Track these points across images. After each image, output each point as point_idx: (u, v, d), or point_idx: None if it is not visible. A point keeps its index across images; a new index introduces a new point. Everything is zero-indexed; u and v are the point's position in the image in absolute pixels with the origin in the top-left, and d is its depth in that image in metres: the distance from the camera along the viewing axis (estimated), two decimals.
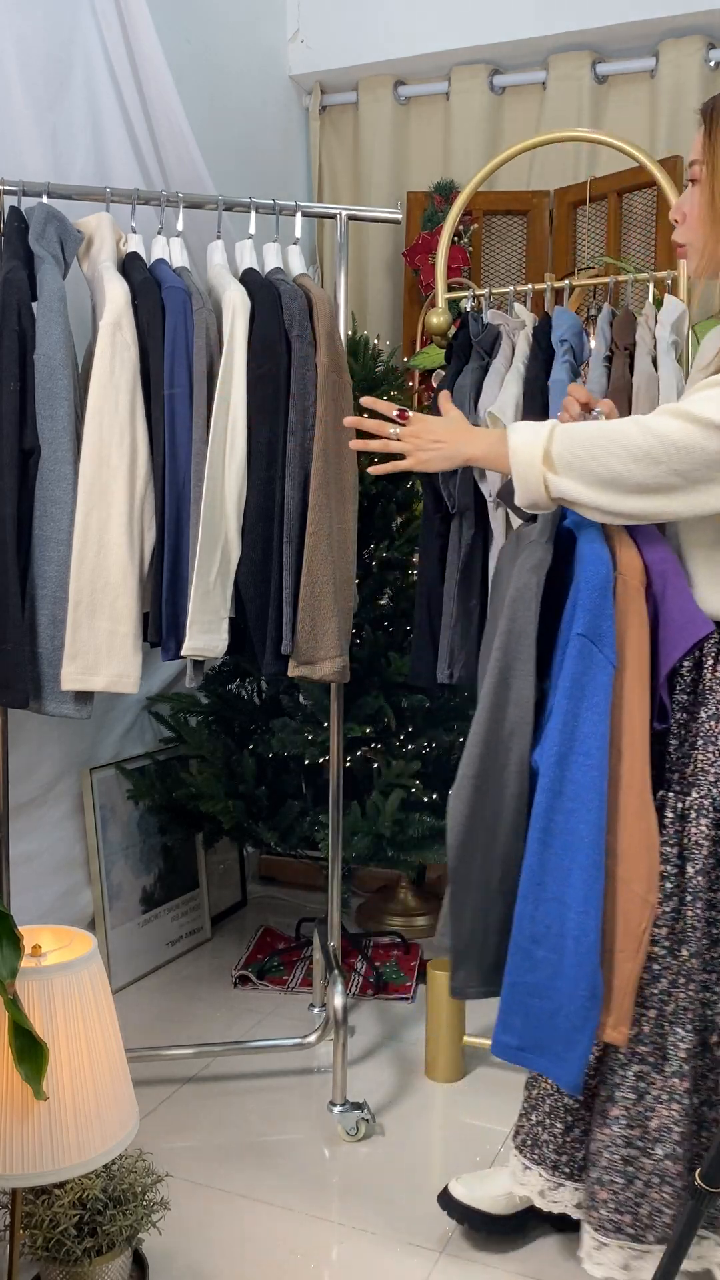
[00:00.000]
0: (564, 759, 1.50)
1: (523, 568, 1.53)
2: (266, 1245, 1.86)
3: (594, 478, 1.48)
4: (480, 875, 1.59)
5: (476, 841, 1.58)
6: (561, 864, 1.51)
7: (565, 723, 1.49)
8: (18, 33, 2.46)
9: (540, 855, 1.52)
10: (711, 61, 3.37)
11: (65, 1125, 1.40)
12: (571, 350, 2.20)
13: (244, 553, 2.00)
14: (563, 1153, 1.73)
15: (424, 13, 3.59)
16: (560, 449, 1.50)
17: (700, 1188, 1.47)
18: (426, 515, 2.29)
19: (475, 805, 1.58)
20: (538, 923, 1.52)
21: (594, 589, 1.48)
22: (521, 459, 1.53)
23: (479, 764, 1.57)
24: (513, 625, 1.52)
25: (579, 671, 1.48)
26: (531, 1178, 1.76)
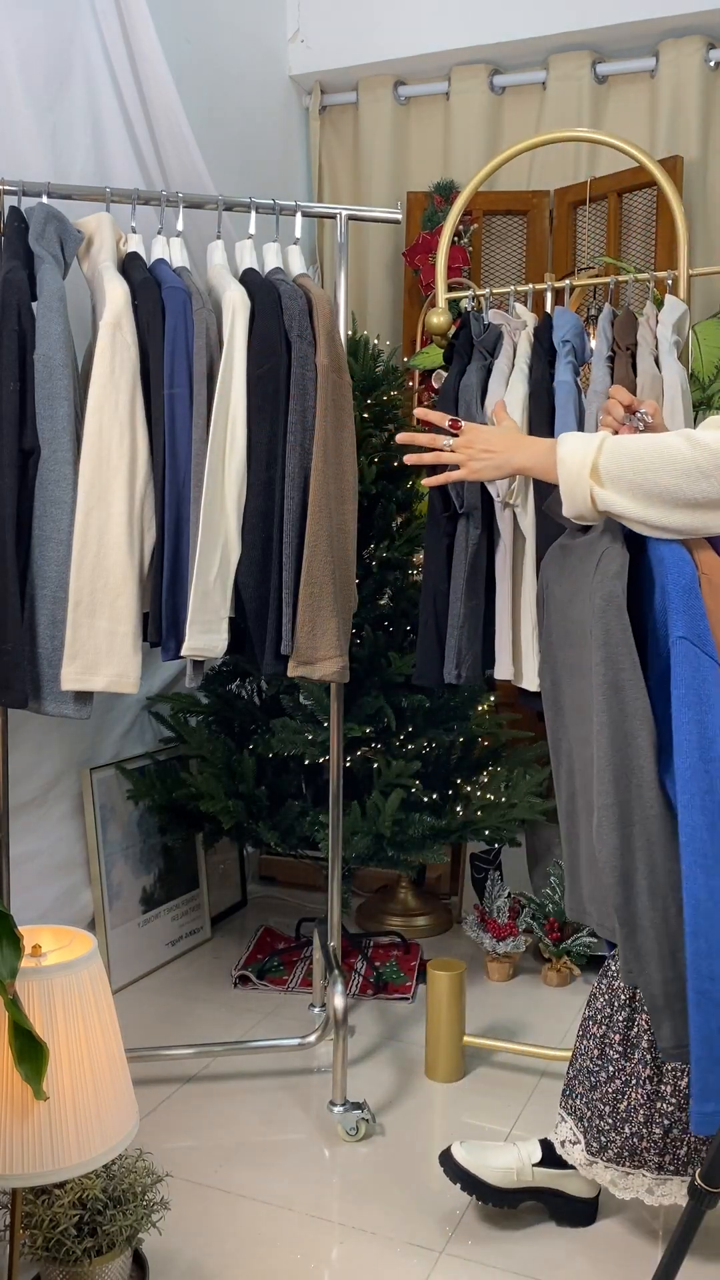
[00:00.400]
0: (704, 769, 1.43)
1: (605, 575, 1.48)
2: (266, 1245, 1.86)
3: (641, 492, 1.48)
4: (652, 912, 1.49)
5: (638, 875, 1.49)
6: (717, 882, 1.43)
7: (696, 731, 1.43)
8: (18, 33, 2.46)
9: (705, 880, 1.43)
10: (711, 61, 3.37)
11: (65, 1125, 1.40)
12: (574, 350, 2.20)
13: (244, 553, 2.00)
14: (665, 1153, 1.73)
15: (424, 13, 3.59)
16: (608, 462, 1.50)
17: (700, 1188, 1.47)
18: (433, 515, 2.29)
19: (625, 834, 1.48)
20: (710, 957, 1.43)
21: (683, 590, 1.45)
22: (569, 471, 1.52)
23: (616, 789, 1.48)
24: (609, 636, 1.47)
25: (690, 675, 1.44)
26: (635, 1181, 1.76)
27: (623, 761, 1.48)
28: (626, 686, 1.47)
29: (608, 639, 1.47)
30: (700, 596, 1.47)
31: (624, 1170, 1.77)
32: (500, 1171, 1.87)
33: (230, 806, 2.75)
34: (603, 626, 1.48)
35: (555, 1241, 1.86)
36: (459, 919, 3.22)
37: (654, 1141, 1.72)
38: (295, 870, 3.47)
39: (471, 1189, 1.87)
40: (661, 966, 1.50)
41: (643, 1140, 1.73)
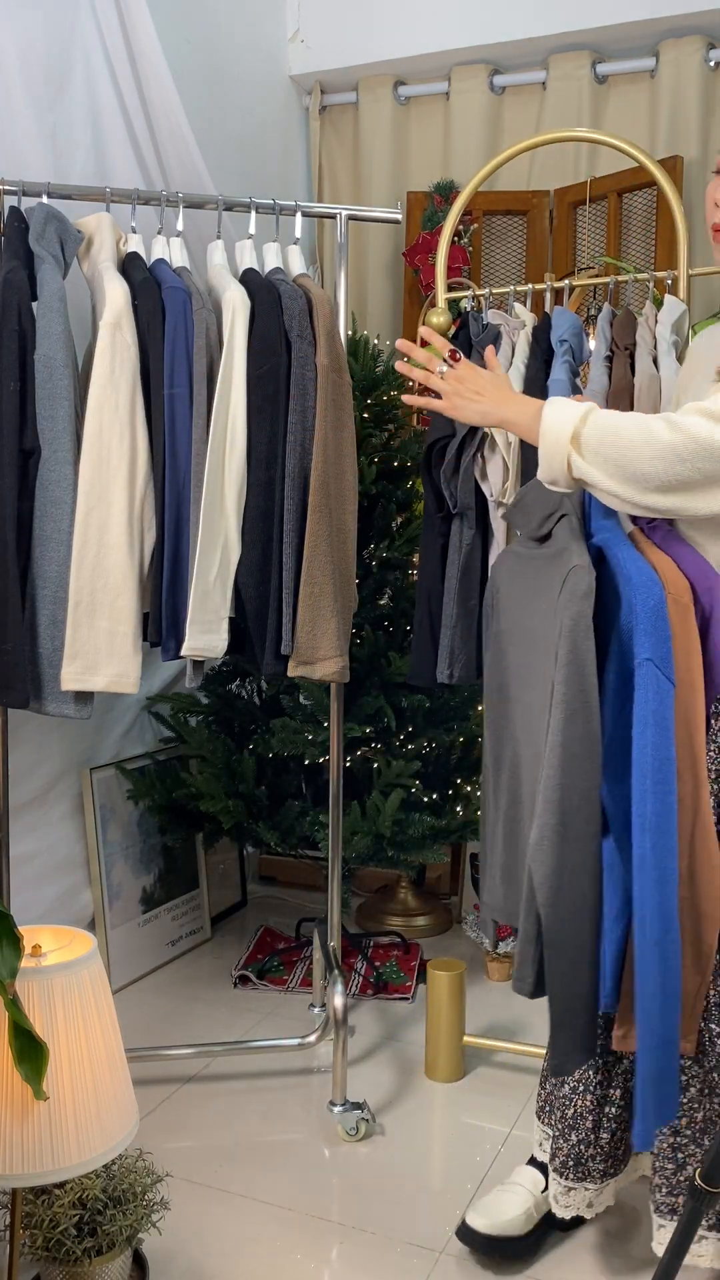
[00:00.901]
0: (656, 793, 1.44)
1: (574, 594, 1.47)
2: (266, 1245, 1.86)
3: (617, 468, 1.48)
4: (575, 934, 1.50)
5: (566, 896, 1.49)
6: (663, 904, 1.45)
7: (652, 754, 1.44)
8: (18, 33, 2.46)
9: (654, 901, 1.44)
10: (711, 61, 3.37)
11: (65, 1125, 1.40)
12: (571, 350, 2.20)
13: (244, 553, 2.00)
14: (609, 1158, 1.73)
15: (424, 13, 3.59)
16: (590, 433, 1.50)
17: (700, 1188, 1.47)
18: (427, 515, 2.29)
19: (562, 856, 1.48)
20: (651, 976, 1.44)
21: (652, 611, 1.45)
22: (551, 435, 1.52)
23: (561, 810, 1.48)
24: (574, 657, 1.46)
25: (652, 699, 1.44)
26: (576, 1197, 1.75)
27: (571, 783, 1.48)
28: (586, 709, 1.48)
29: (572, 659, 1.47)
30: (667, 619, 1.47)
31: (567, 1185, 1.76)
32: (522, 1218, 1.82)
33: (230, 806, 2.75)
34: (569, 647, 1.47)
35: (555, 1241, 1.86)
36: (459, 919, 3.22)
37: (600, 1148, 1.73)
38: (295, 870, 3.47)
39: (508, 1253, 1.81)
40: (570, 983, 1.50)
41: (590, 1147, 1.73)
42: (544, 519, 1.64)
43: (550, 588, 1.58)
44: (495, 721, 1.78)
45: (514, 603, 1.70)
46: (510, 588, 1.71)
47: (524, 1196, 1.84)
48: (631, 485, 1.48)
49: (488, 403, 1.62)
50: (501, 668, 1.75)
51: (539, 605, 1.61)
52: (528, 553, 1.69)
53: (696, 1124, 1.63)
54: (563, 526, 1.61)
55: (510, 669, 1.73)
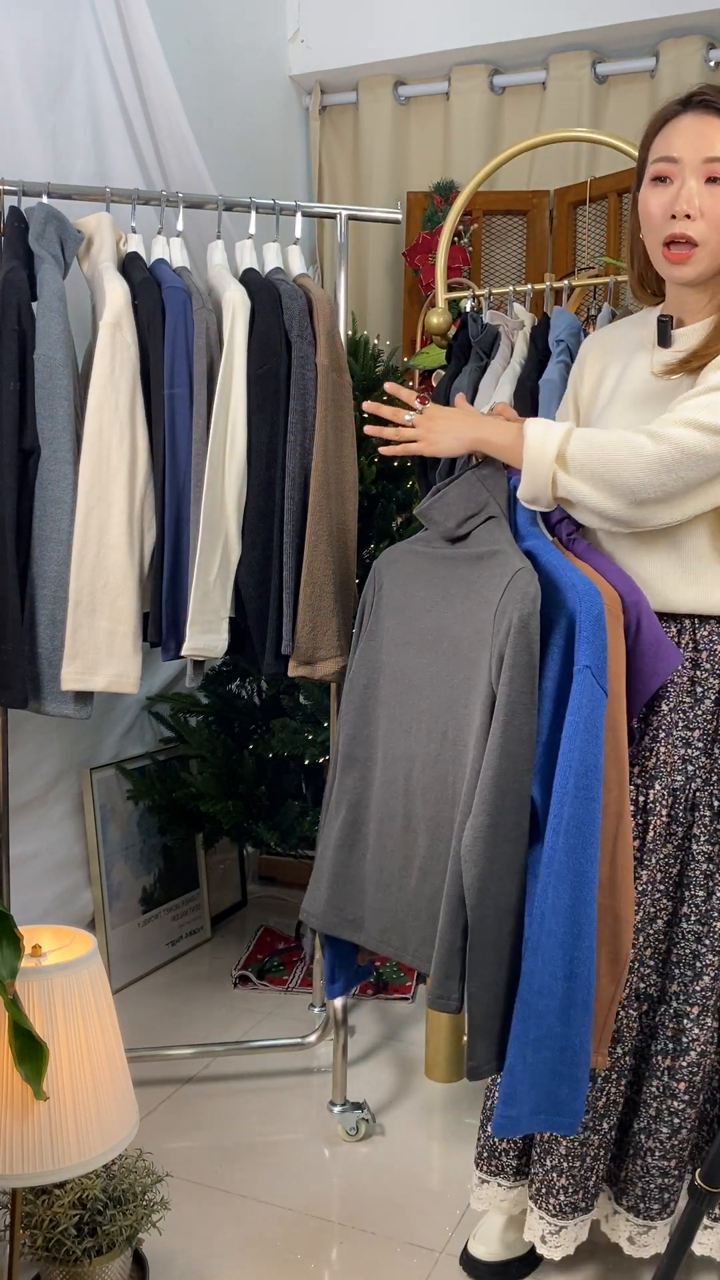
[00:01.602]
0: (578, 798, 1.45)
1: (524, 596, 1.47)
2: (266, 1245, 1.86)
3: (604, 483, 1.48)
4: (495, 933, 1.50)
5: (492, 894, 1.49)
6: (565, 905, 1.45)
7: (579, 760, 1.45)
8: (18, 33, 2.46)
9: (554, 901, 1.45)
10: (711, 61, 3.37)
11: (65, 1125, 1.40)
12: (568, 350, 2.20)
13: (244, 553, 2.00)
14: (579, 1189, 1.69)
15: (424, 13, 3.59)
16: (575, 450, 1.50)
17: (700, 1188, 1.48)
18: None
19: (492, 855, 1.49)
20: (542, 973, 1.45)
21: (595, 620, 1.46)
22: (535, 454, 1.53)
23: (494, 812, 1.48)
24: (518, 658, 1.47)
25: (585, 706, 1.45)
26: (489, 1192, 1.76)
27: (506, 784, 1.48)
28: (527, 712, 1.48)
29: (516, 661, 1.47)
30: (606, 629, 1.48)
31: (480, 1177, 1.77)
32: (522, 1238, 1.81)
33: (230, 806, 2.75)
34: (515, 648, 1.47)
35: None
36: None
37: (514, 1142, 1.73)
38: (295, 870, 3.47)
39: (514, 1273, 1.79)
40: (490, 985, 1.50)
41: (503, 1140, 1.73)
42: (465, 519, 1.63)
43: (474, 590, 1.56)
44: (355, 722, 1.74)
45: (412, 602, 1.67)
46: (406, 586, 1.69)
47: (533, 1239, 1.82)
48: (619, 499, 1.48)
49: (460, 428, 1.62)
50: (373, 665, 1.73)
51: (455, 606, 1.59)
52: (434, 552, 1.66)
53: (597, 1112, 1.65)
54: (490, 528, 1.60)
55: (385, 668, 1.70)
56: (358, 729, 1.74)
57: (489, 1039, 1.50)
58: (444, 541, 1.66)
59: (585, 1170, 1.67)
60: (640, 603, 1.55)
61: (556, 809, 1.46)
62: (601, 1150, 1.67)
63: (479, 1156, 1.78)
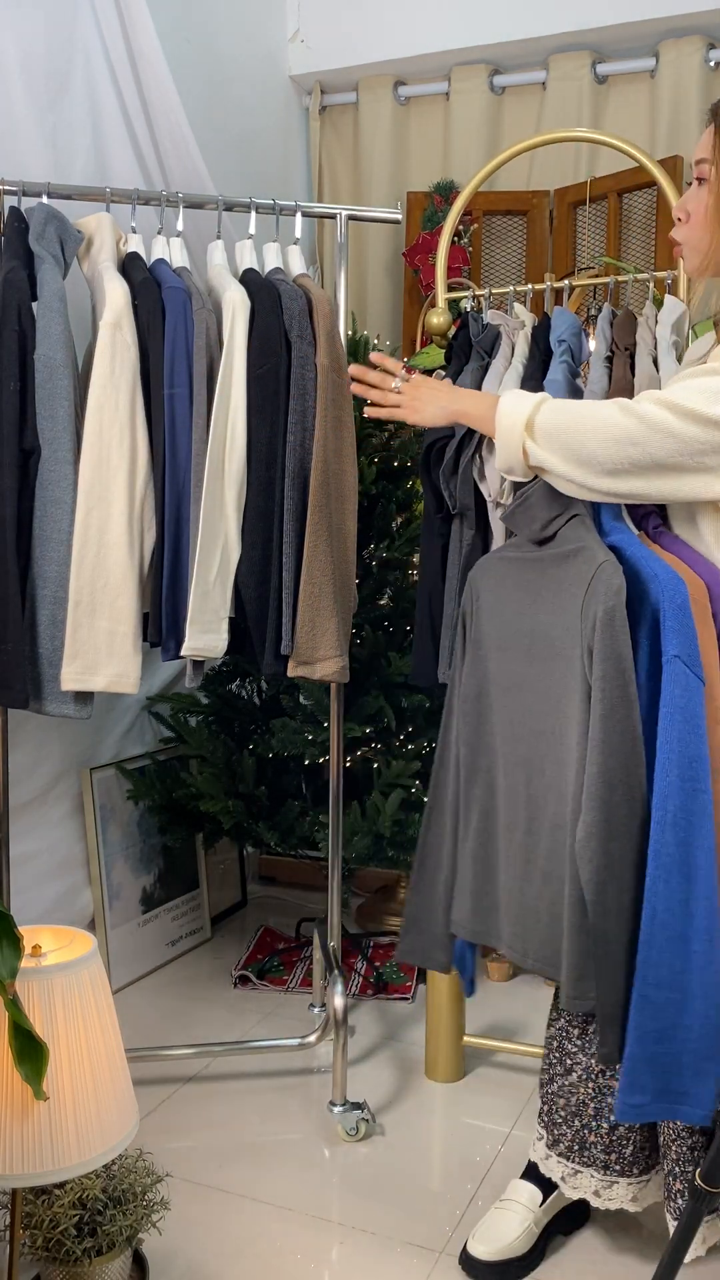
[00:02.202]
0: (683, 789, 1.45)
1: (608, 589, 1.48)
2: (266, 1245, 1.86)
3: (570, 452, 1.50)
4: (621, 926, 1.50)
5: (614, 890, 1.50)
6: (679, 898, 1.46)
7: (680, 750, 1.45)
8: (18, 33, 2.46)
9: (666, 894, 1.46)
10: (711, 61, 3.37)
11: (65, 1125, 1.40)
12: (569, 350, 2.20)
13: (244, 553, 2.00)
14: (611, 1151, 1.73)
15: (424, 13, 3.59)
16: (543, 419, 1.53)
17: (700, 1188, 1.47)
18: (427, 516, 2.29)
19: (608, 850, 1.49)
20: (661, 966, 1.46)
21: (679, 609, 1.47)
22: (506, 423, 1.56)
23: (606, 808, 1.48)
24: (613, 651, 1.46)
25: (680, 695, 1.45)
26: (584, 1180, 1.76)
27: (616, 779, 1.49)
28: (628, 704, 1.48)
29: (611, 654, 1.47)
30: (692, 616, 1.48)
31: (574, 1167, 1.77)
32: (523, 1238, 1.81)
33: (230, 806, 2.75)
34: (606, 642, 1.47)
35: (554, 1241, 1.86)
36: None
37: (601, 1136, 1.73)
38: (295, 870, 3.47)
39: (511, 1273, 1.80)
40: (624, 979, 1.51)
41: (591, 1133, 1.73)
42: (549, 520, 1.65)
43: (563, 587, 1.57)
44: (471, 733, 1.75)
45: (507, 607, 1.68)
46: (500, 592, 1.70)
47: (522, 1214, 1.83)
48: (584, 469, 1.50)
49: (444, 399, 1.69)
50: (481, 675, 1.73)
51: (547, 606, 1.60)
52: (523, 556, 1.68)
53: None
54: (574, 526, 1.61)
55: (492, 676, 1.71)
56: (477, 738, 1.75)
57: (617, 1027, 1.51)
58: (531, 545, 1.67)
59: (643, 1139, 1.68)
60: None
61: (660, 802, 1.46)
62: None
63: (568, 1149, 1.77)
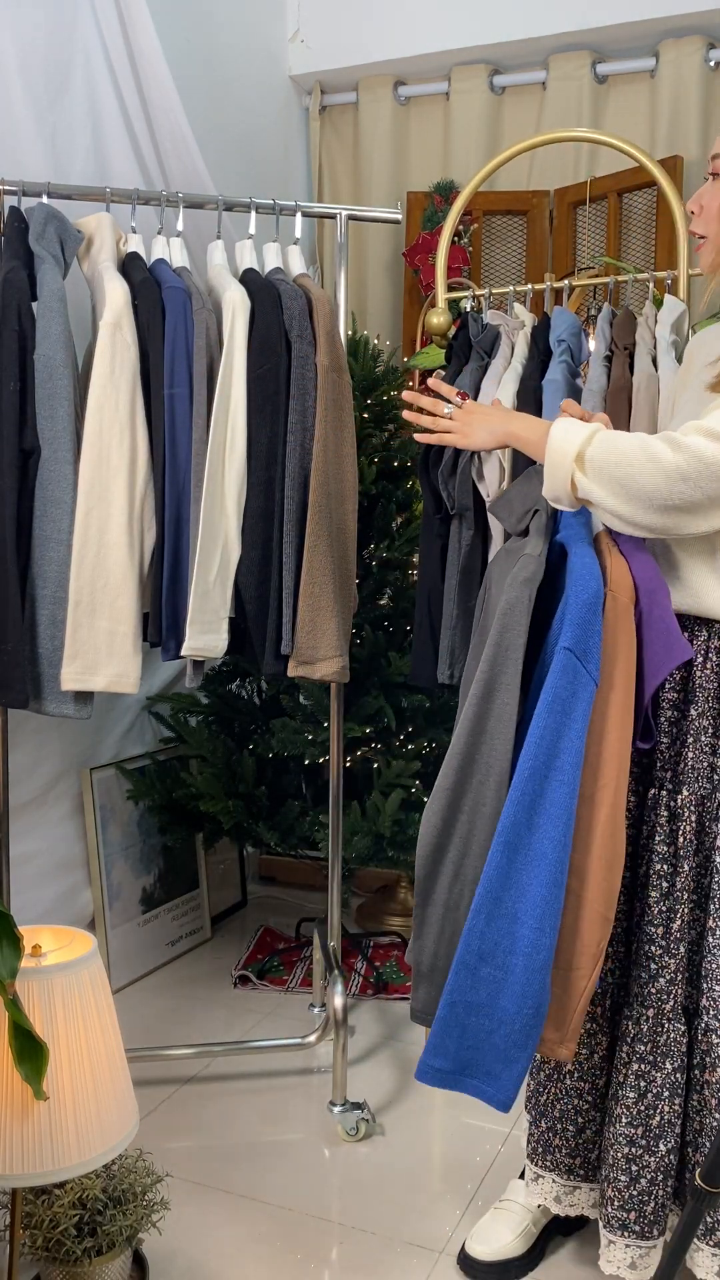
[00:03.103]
0: (538, 775, 1.46)
1: (515, 580, 1.51)
2: (266, 1245, 1.86)
3: (621, 487, 1.48)
4: (445, 893, 1.56)
5: (446, 857, 1.55)
6: (520, 880, 1.46)
7: (544, 738, 1.46)
8: (18, 33, 2.46)
9: (503, 870, 1.47)
10: (711, 61, 3.37)
11: (65, 1125, 1.40)
12: (569, 350, 2.20)
13: (244, 552, 2.00)
14: (576, 1155, 1.71)
15: (424, 13, 3.59)
16: (595, 453, 1.50)
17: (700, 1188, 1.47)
18: (426, 516, 2.29)
19: (448, 819, 1.55)
20: (486, 939, 1.47)
21: (583, 604, 1.46)
22: (556, 452, 1.54)
23: (456, 776, 1.54)
24: (502, 638, 1.49)
25: (561, 686, 1.45)
26: (544, 1185, 1.74)
27: (470, 755, 1.52)
28: (501, 690, 1.50)
29: (500, 640, 1.49)
30: (600, 613, 1.47)
31: (535, 1171, 1.76)
32: (522, 1237, 1.81)
33: (230, 806, 2.75)
34: (499, 628, 1.49)
35: (554, 1242, 1.86)
36: None
37: (566, 1140, 1.72)
38: (295, 870, 3.47)
39: (510, 1274, 1.79)
40: (437, 940, 1.58)
41: (556, 1136, 1.72)
42: (523, 515, 1.67)
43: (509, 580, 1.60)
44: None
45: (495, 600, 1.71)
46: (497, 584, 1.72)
47: (520, 1215, 1.82)
48: (634, 504, 1.48)
49: (495, 421, 1.67)
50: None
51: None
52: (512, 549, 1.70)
53: (652, 1130, 1.60)
54: (536, 521, 1.63)
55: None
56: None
57: (429, 985, 1.56)
58: (516, 537, 1.69)
59: (641, 1194, 1.61)
60: (655, 591, 1.54)
61: (517, 782, 1.47)
62: (660, 1175, 1.61)
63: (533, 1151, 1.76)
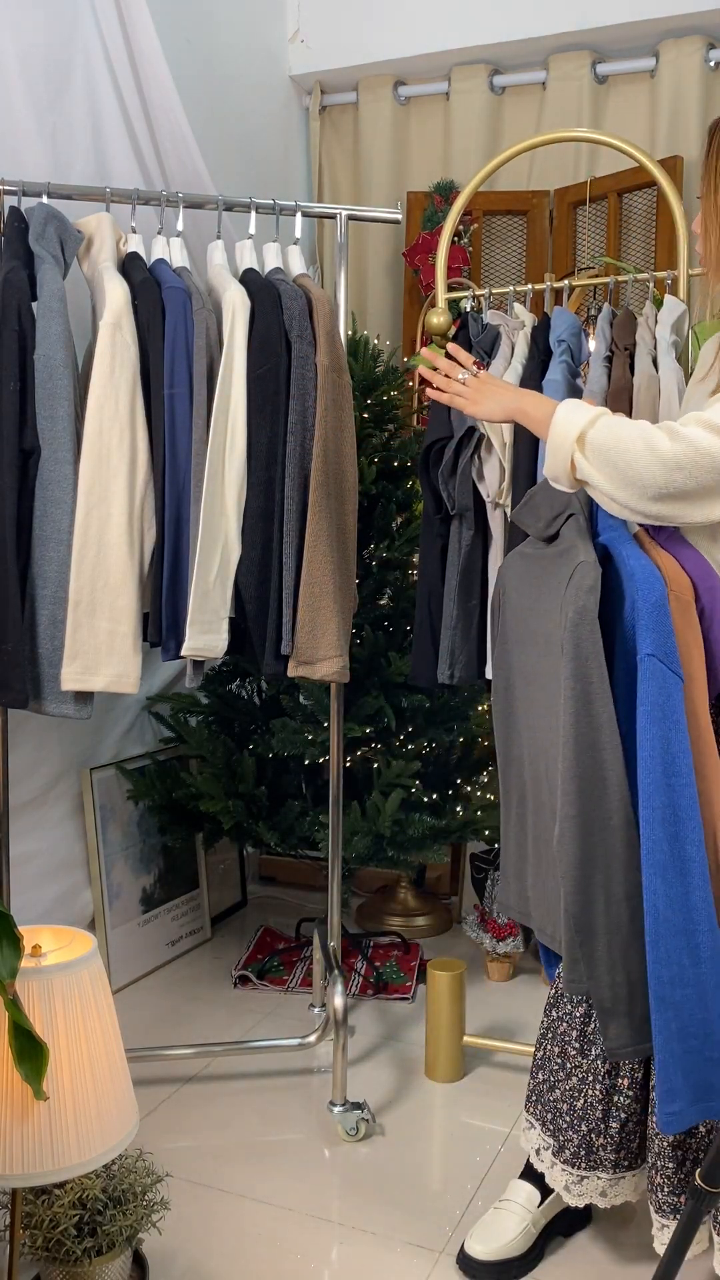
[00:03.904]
0: (664, 787, 1.45)
1: (579, 589, 1.49)
2: (266, 1245, 1.86)
3: (618, 471, 1.50)
4: (607, 920, 1.52)
5: (596, 884, 1.51)
6: (679, 893, 1.46)
7: (655, 748, 1.45)
8: (18, 33, 2.46)
9: (663, 892, 1.46)
10: (711, 61, 3.37)
11: (65, 1125, 1.40)
12: (569, 350, 2.20)
13: (244, 553, 2.00)
14: (621, 1149, 1.72)
15: (424, 13, 3.59)
16: (595, 435, 1.52)
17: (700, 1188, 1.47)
18: (426, 516, 2.29)
19: (585, 846, 1.50)
20: (671, 964, 1.46)
21: (654, 607, 1.47)
22: (559, 432, 1.56)
23: (580, 800, 1.50)
24: (580, 649, 1.48)
25: (656, 693, 1.45)
26: (590, 1184, 1.75)
27: (588, 773, 1.50)
28: (595, 700, 1.49)
29: (578, 653, 1.49)
30: (670, 614, 1.48)
31: (579, 1174, 1.75)
32: (520, 1238, 1.81)
33: (230, 806, 2.75)
34: (574, 640, 1.49)
35: (554, 1242, 1.87)
36: (459, 919, 3.22)
37: (610, 1138, 1.72)
38: (295, 870, 3.47)
39: (510, 1273, 1.80)
40: (611, 970, 1.53)
41: (600, 1136, 1.73)
42: (552, 519, 1.66)
43: (554, 586, 1.59)
44: (503, 721, 1.79)
45: (521, 603, 1.70)
46: (518, 589, 1.72)
47: (520, 1215, 1.82)
48: (630, 490, 1.50)
49: (505, 396, 1.69)
50: (506, 667, 1.76)
51: (546, 604, 1.62)
52: (535, 553, 1.70)
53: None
54: (570, 526, 1.62)
55: (515, 669, 1.74)
56: (508, 729, 1.78)
57: (619, 1020, 1.52)
58: (542, 542, 1.69)
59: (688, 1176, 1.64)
60: (716, 588, 1.55)
61: (646, 800, 1.46)
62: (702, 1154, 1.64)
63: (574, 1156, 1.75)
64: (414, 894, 3.23)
